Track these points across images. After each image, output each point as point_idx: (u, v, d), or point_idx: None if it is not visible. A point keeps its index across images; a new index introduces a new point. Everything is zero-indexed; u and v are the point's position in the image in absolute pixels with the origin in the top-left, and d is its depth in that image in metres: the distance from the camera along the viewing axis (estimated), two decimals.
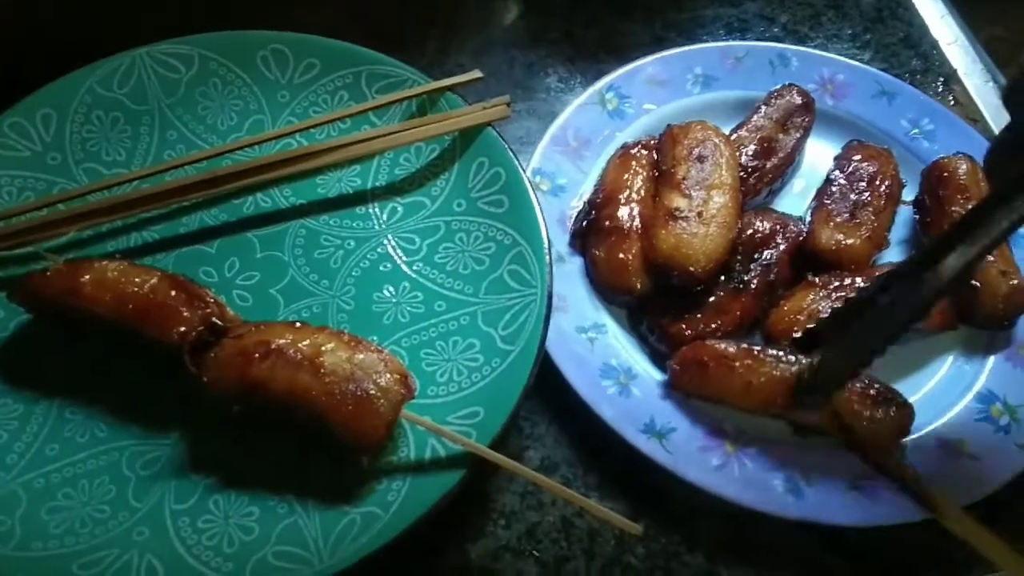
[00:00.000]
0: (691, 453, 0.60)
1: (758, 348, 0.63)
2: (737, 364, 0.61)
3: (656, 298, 0.67)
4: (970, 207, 0.68)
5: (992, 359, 0.67)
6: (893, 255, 0.72)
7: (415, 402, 0.56)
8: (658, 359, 0.66)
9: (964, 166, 0.72)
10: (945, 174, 0.71)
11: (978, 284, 0.66)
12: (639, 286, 0.67)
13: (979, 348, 0.68)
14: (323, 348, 0.54)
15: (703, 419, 0.62)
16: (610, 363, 0.65)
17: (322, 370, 0.53)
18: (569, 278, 0.69)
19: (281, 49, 0.74)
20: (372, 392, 0.53)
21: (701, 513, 0.61)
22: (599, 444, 0.61)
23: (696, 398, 0.63)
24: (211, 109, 0.73)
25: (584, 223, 0.71)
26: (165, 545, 0.53)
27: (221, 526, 0.54)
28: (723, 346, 0.63)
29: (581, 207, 0.73)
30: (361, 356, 0.54)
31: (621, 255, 0.67)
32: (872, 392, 0.60)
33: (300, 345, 0.54)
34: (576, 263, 0.70)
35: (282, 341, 0.55)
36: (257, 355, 0.54)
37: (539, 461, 0.63)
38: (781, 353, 0.62)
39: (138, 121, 0.71)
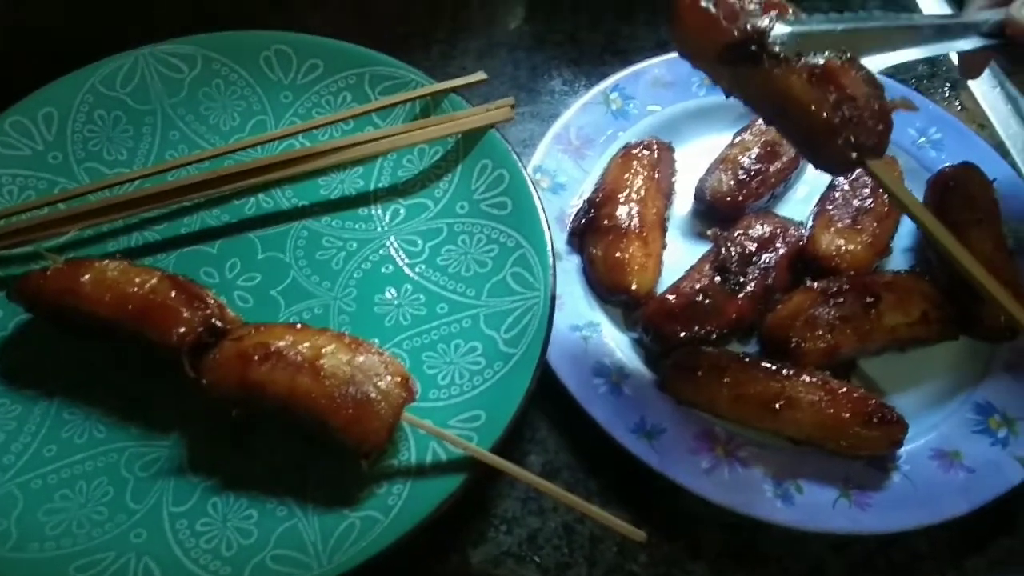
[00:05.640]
0: (681, 455, 0.60)
1: (751, 359, 0.62)
2: (727, 375, 0.61)
3: (652, 298, 0.67)
4: (977, 218, 0.68)
5: (992, 371, 0.66)
6: (896, 263, 0.71)
7: (416, 405, 0.55)
8: (652, 360, 0.66)
9: (970, 176, 0.71)
10: (951, 184, 0.71)
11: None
12: (635, 286, 0.66)
13: (979, 359, 0.67)
14: (323, 350, 0.54)
15: (694, 421, 0.62)
16: (603, 362, 0.64)
17: (322, 373, 0.53)
18: (566, 276, 0.68)
19: (284, 50, 0.73)
20: (373, 395, 0.53)
21: (704, 520, 0.60)
22: (601, 449, 0.60)
23: (687, 404, 0.63)
24: (214, 109, 0.72)
25: (583, 221, 0.71)
26: (163, 548, 0.53)
27: (219, 529, 0.54)
28: (716, 354, 0.62)
29: (580, 205, 0.72)
30: (362, 358, 0.54)
31: (619, 254, 0.67)
32: (868, 408, 0.60)
33: (300, 347, 0.54)
34: (573, 261, 0.70)
35: (282, 343, 0.54)
36: (257, 357, 0.53)
37: (541, 466, 0.63)
38: (774, 368, 0.61)
39: (140, 121, 0.71)
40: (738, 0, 0.52)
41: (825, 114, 0.50)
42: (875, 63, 0.52)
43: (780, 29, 0.51)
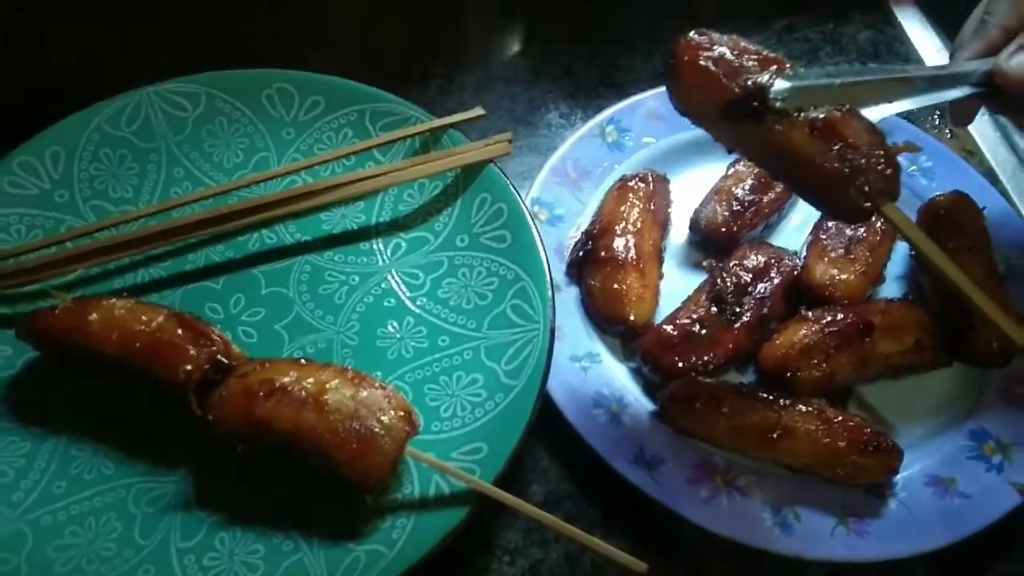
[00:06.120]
0: (680, 485, 0.61)
1: (748, 389, 0.63)
2: (725, 405, 0.62)
3: (650, 328, 0.68)
4: (967, 245, 0.69)
5: (985, 397, 0.67)
6: (889, 291, 0.73)
7: (419, 438, 0.56)
8: (651, 389, 0.67)
9: (960, 204, 0.72)
10: (941, 212, 0.72)
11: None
12: (633, 316, 0.68)
13: (973, 386, 0.68)
14: (327, 385, 0.55)
15: (693, 451, 0.63)
16: (602, 392, 0.65)
17: (326, 408, 0.54)
18: (565, 307, 0.69)
19: (286, 87, 0.75)
20: (376, 430, 0.53)
21: (705, 549, 0.61)
22: (602, 479, 0.61)
23: (685, 434, 0.63)
24: (217, 147, 0.74)
25: (581, 253, 0.72)
26: None
27: (226, 563, 0.54)
28: (713, 385, 0.63)
29: (578, 237, 0.74)
30: (365, 393, 0.55)
31: (616, 285, 0.68)
32: (864, 437, 0.60)
33: (305, 383, 0.55)
34: (572, 292, 0.71)
35: (286, 379, 0.55)
36: (262, 393, 0.54)
37: (543, 496, 0.64)
38: (771, 397, 0.62)
39: (145, 159, 0.72)
40: (736, 58, 0.53)
41: (833, 165, 0.50)
42: (872, 114, 0.53)
43: (780, 84, 0.52)
